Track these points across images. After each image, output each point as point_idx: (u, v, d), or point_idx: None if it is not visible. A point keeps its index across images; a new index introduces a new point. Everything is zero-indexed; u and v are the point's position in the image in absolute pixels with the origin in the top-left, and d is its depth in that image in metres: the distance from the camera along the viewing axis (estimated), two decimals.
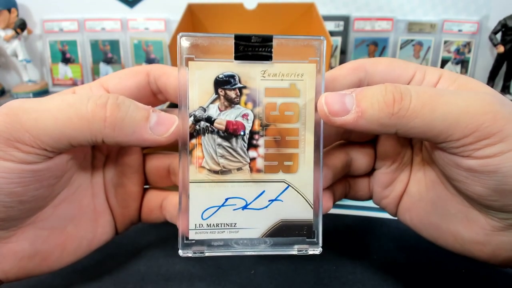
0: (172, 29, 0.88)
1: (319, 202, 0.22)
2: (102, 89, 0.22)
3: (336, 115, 0.19)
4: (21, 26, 0.85)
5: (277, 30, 0.82)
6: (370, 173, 0.26)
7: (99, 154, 0.24)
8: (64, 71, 0.93)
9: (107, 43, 0.91)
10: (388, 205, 0.25)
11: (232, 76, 0.20)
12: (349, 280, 0.27)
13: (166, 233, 0.32)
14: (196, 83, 0.20)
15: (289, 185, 0.21)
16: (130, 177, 0.25)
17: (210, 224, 0.21)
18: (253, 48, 0.20)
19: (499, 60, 0.84)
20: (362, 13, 0.86)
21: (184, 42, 0.20)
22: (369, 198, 0.26)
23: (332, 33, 0.85)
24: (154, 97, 0.23)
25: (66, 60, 0.92)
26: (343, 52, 0.87)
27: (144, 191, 0.26)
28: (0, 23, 0.83)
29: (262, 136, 0.21)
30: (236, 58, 0.20)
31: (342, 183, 0.26)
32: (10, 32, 0.84)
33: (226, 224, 0.21)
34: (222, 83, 0.20)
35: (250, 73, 0.20)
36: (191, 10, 0.78)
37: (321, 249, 0.22)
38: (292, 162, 0.21)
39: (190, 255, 0.21)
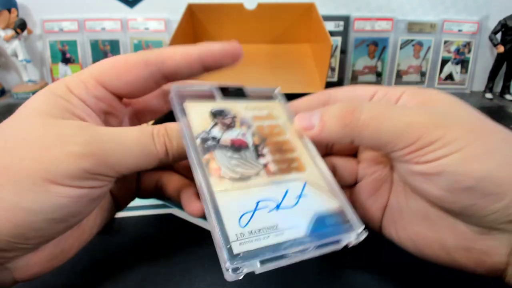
0: (172, 29, 0.88)
1: (338, 189, 0.23)
2: (99, 87, 0.22)
3: (306, 130, 0.23)
4: (21, 26, 0.85)
5: (277, 30, 0.82)
6: (353, 184, 0.27)
7: None
8: (64, 71, 0.93)
9: (107, 43, 0.91)
10: (371, 218, 0.26)
11: (223, 110, 0.25)
12: (350, 280, 0.27)
13: (167, 233, 0.32)
14: (195, 116, 0.23)
15: (305, 182, 0.23)
16: None
17: (252, 231, 0.19)
18: (232, 92, 0.26)
19: (499, 60, 0.84)
20: (362, 13, 0.86)
21: (177, 93, 0.24)
22: None
23: (332, 33, 0.85)
24: (157, 85, 0.24)
25: (66, 60, 0.92)
26: (343, 52, 0.87)
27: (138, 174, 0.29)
28: (0, 23, 0.83)
29: (264, 147, 0.24)
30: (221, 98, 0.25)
31: None
32: (10, 32, 0.84)
33: (268, 227, 0.19)
34: (217, 113, 0.24)
35: (236, 107, 0.25)
36: (191, 10, 0.78)
37: (365, 229, 0.22)
38: (297, 163, 0.23)
39: (241, 275, 0.18)
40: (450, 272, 0.26)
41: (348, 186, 0.27)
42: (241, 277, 0.17)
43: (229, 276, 0.17)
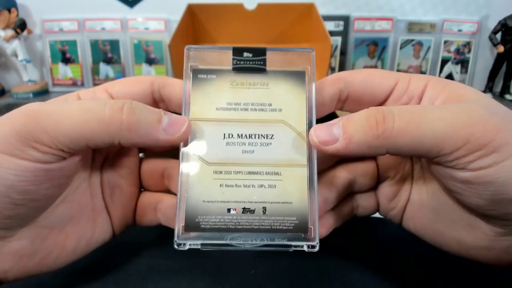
0: (172, 29, 0.88)
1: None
2: (106, 94, 0.23)
3: (326, 144, 0.20)
4: (21, 26, 0.85)
5: (277, 30, 0.82)
6: (375, 186, 0.26)
7: (98, 155, 0.24)
8: (64, 71, 0.93)
9: (107, 43, 0.91)
10: (394, 216, 0.25)
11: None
12: (350, 280, 0.27)
13: (167, 233, 0.32)
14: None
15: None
16: (126, 178, 0.25)
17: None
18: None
19: (499, 60, 0.84)
20: (362, 13, 0.86)
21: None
22: (376, 211, 0.27)
23: (332, 33, 0.85)
24: (156, 105, 0.24)
25: (66, 60, 0.92)
26: (343, 52, 0.87)
27: (139, 194, 0.26)
28: (0, 23, 0.83)
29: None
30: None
31: (348, 201, 0.26)
32: (10, 32, 0.84)
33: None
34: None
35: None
36: (191, 10, 0.78)
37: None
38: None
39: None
40: (452, 272, 0.26)
41: (370, 189, 0.26)
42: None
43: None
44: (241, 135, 0.22)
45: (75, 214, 0.23)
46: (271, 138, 0.22)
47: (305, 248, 0.21)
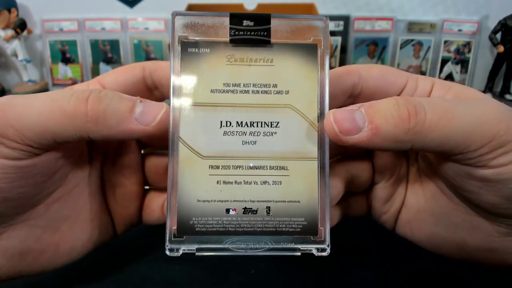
0: None
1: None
2: (98, 85, 0.22)
3: (348, 134, 0.18)
4: (21, 26, 0.85)
5: None
6: (367, 188, 0.25)
7: (96, 153, 0.24)
8: (64, 71, 0.93)
9: (107, 43, 0.91)
10: (387, 220, 0.25)
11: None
12: (350, 280, 0.27)
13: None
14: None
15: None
16: (128, 177, 0.24)
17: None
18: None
19: (499, 60, 0.84)
20: (362, 13, 0.86)
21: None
22: (367, 214, 0.26)
23: (332, 33, 0.85)
24: (150, 93, 0.23)
25: (66, 60, 0.92)
26: (343, 52, 0.87)
27: (146, 192, 0.26)
28: (0, 23, 0.83)
29: None
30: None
31: (341, 203, 0.24)
32: (10, 32, 0.84)
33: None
34: None
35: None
36: (191, 10, 0.78)
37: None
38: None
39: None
40: (454, 272, 0.26)
41: (362, 190, 0.25)
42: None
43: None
44: (241, 123, 0.19)
45: (70, 214, 0.22)
46: (276, 126, 0.19)
47: (314, 252, 0.19)
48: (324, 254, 0.19)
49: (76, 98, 0.18)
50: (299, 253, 0.19)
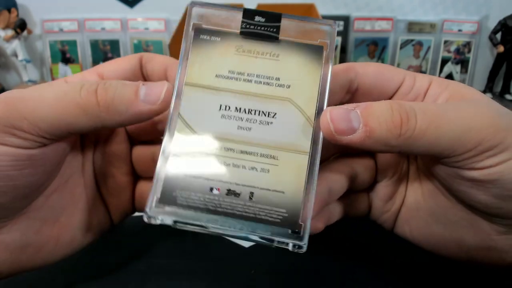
0: (172, 29, 0.88)
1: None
2: (95, 75, 0.23)
3: (342, 134, 0.18)
4: (21, 26, 0.85)
5: None
6: (369, 187, 0.25)
7: (88, 141, 0.24)
8: (64, 71, 0.93)
9: (107, 43, 0.91)
10: (387, 220, 0.25)
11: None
12: (350, 280, 0.27)
13: (167, 233, 0.32)
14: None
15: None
16: (118, 167, 0.25)
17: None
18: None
19: (499, 60, 0.84)
20: (362, 13, 0.86)
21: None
22: (366, 214, 0.26)
23: None
24: (145, 80, 0.24)
25: (66, 60, 0.92)
26: (343, 52, 0.87)
27: (137, 181, 0.26)
28: (0, 23, 0.83)
29: None
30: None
31: (343, 200, 0.24)
32: (10, 32, 0.84)
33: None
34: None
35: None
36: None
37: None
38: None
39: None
40: (453, 271, 0.26)
41: (365, 188, 0.25)
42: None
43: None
44: (239, 109, 0.20)
45: (68, 204, 0.23)
46: (273, 116, 0.20)
47: (290, 247, 0.19)
48: (300, 251, 0.19)
49: (86, 91, 0.19)
50: (273, 246, 0.19)
